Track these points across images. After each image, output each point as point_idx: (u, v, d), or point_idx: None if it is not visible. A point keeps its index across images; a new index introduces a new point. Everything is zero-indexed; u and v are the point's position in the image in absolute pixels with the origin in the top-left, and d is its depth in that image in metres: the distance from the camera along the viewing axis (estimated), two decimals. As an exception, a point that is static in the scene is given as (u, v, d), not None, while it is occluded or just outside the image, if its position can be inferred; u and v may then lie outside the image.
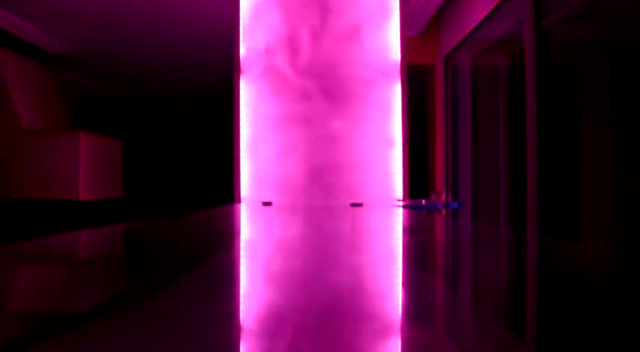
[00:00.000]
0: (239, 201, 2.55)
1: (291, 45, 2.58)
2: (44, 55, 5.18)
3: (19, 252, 0.74)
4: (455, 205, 3.30)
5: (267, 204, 2.50)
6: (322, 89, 2.57)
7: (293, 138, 2.55)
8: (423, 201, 2.85)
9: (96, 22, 4.62)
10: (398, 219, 1.63)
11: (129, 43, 5.26)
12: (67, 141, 3.47)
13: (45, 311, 0.42)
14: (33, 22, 4.59)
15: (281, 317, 0.39)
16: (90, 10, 4.31)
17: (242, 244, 0.94)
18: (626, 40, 2.24)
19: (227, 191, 3.06)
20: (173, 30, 4.81)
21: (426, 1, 4.11)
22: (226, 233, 1.20)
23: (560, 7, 2.58)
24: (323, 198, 2.52)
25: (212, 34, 4.76)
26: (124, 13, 4.38)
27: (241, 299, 0.46)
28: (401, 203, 2.48)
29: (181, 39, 5.06)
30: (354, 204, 2.47)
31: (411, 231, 1.21)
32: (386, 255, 0.79)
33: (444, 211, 3.36)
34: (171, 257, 0.73)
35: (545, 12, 2.63)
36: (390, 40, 2.60)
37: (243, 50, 2.59)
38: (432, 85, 4.71)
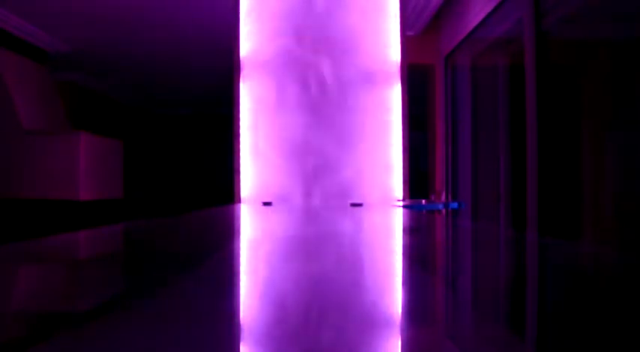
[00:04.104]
0: (239, 201, 2.55)
1: (292, 46, 2.58)
2: (44, 55, 5.18)
3: (19, 252, 0.74)
4: (455, 205, 3.30)
5: (267, 204, 2.50)
6: (322, 89, 2.57)
7: (293, 138, 2.55)
8: (423, 201, 2.85)
9: (96, 22, 4.62)
10: (397, 218, 1.63)
11: (129, 43, 5.26)
12: (67, 141, 3.47)
13: (45, 311, 0.42)
14: (33, 22, 4.59)
15: (281, 316, 0.39)
16: (90, 10, 4.32)
17: (243, 244, 0.94)
18: (625, 40, 2.24)
19: (227, 191, 3.06)
20: (173, 30, 4.81)
21: (426, 1, 4.11)
22: (227, 233, 1.20)
23: (560, 7, 2.58)
24: (323, 198, 2.52)
25: (212, 34, 4.76)
26: (124, 13, 4.38)
27: (241, 299, 0.46)
28: (401, 203, 2.48)
29: (181, 39, 5.06)
30: (354, 204, 2.47)
31: (411, 231, 1.21)
32: (385, 255, 0.79)
33: (444, 211, 3.36)
34: (172, 256, 0.73)
35: (545, 12, 2.63)
36: (390, 40, 2.60)
37: (243, 50, 2.59)
38: (432, 85, 4.71)
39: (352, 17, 2.59)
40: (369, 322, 0.37)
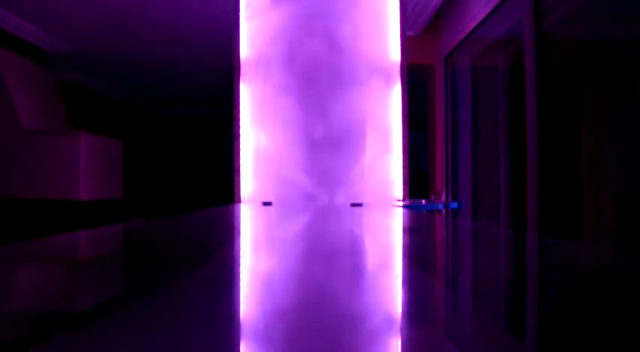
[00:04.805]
0: (239, 201, 2.55)
1: (291, 46, 2.58)
2: (44, 55, 5.18)
3: (19, 252, 0.74)
4: (455, 205, 3.30)
5: (267, 204, 2.50)
6: (322, 89, 2.57)
7: (293, 138, 2.55)
8: (423, 201, 2.85)
9: (96, 22, 4.62)
10: (397, 218, 1.63)
11: (129, 43, 5.26)
12: (67, 141, 3.47)
13: (44, 311, 0.42)
14: (33, 22, 4.59)
15: (280, 316, 0.39)
16: (90, 10, 4.32)
17: (243, 244, 0.94)
18: (625, 40, 2.24)
19: (227, 191, 3.06)
20: (173, 30, 4.81)
21: (426, 1, 4.11)
22: (227, 233, 1.20)
23: (560, 7, 2.58)
24: (323, 198, 2.52)
25: (212, 34, 4.76)
26: (124, 13, 4.38)
27: (241, 299, 0.46)
28: (401, 203, 2.48)
29: (181, 39, 5.06)
30: (354, 204, 2.47)
31: (411, 231, 1.21)
32: (385, 254, 0.79)
33: (444, 211, 3.36)
34: (172, 256, 0.73)
35: (545, 12, 2.63)
36: (390, 40, 2.60)
37: (243, 50, 2.59)
38: (432, 85, 4.71)
39: (352, 17, 2.59)
40: (369, 322, 0.37)
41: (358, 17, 2.59)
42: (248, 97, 2.58)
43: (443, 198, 4.39)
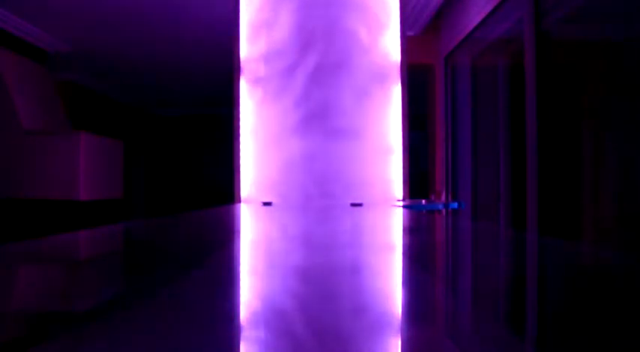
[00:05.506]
0: (239, 201, 2.55)
1: (291, 46, 2.58)
2: (44, 55, 5.18)
3: (19, 252, 0.74)
4: (455, 205, 3.30)
5: (267, 204, 2.50)
6: (322, 89, 2.56)
7: (293, 138, 2.55)
8: (423, 201, 2.85)
9: (96, 22, 4.62)
10: (397, 218, 1.63)
11: (129, 43, 5.26)
12: (67, 141, 3.48)
13: (45, 311, 0.42)
14: (33, 22, 4.59)
15: (280, 316, 0.39)
16: (90, 9, 4.32)
17: (243, 244, 0.94)
18: (625, 40, 2.24)
19: (227, 191, 3.06)
20: (173, 30, 4.82)
21: (426, 1, 4.11)
22: (227, 232, 1.20)
23: (560, 7, 2.58)
24: (323, 198, 2.52)
25: (212, 34, 4.76)
26: (124, 13, 4.39)
27: (241, 299, 0.46)
28: (401, 203, 2.48)
29: (181, 39, 5.06)
30: (354, 204, 2.47)
31: (411, 231, 1.21)
32: (385, 254, 0.79)
33: (444, 211, 3.36)
34: (172, 256, 0.73)
35: (545, 12, 2.63)
36: (390, 40, 2.60)
37: (243, 51, 2.59)
38: (432, 85, 4.71)
39: (352, 17, 2.59)
40: (369, 322, 0.37)
41: (358, 17, 2.59)
42: (248, 97, 2.58)
43: (443, 198, 4.39)
